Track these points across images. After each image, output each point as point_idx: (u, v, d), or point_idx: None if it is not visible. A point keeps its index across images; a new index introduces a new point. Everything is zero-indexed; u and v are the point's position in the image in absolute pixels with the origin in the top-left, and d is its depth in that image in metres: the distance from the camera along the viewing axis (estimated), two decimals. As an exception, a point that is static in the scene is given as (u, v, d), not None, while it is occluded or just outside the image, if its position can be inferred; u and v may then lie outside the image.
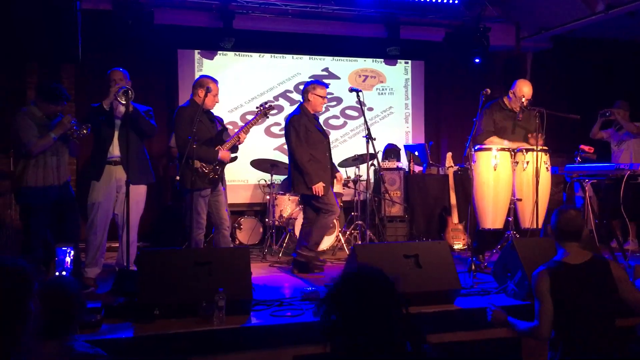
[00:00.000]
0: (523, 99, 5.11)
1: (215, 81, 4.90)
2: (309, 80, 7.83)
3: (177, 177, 4.59)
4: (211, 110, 4.94)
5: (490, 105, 5.27)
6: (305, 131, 5.04)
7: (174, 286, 3.43)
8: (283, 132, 7.73)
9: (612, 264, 2.95)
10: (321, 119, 7.80)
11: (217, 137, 4.90)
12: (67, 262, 3.75)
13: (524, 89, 5.19)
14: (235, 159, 5.05)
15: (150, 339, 3.17)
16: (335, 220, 6.15)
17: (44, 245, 4.27)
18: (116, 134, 4.66)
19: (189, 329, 3.23)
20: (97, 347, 2.23)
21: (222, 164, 4.88)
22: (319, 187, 4.94)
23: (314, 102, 5.11)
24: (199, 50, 7.54)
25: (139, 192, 4.69)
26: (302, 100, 5.19)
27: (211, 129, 4.88)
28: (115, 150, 4.65)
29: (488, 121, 5.18)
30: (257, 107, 5.31)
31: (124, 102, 4.40)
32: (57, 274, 3.71)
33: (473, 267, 4.52)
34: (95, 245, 4.57)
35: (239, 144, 5.00)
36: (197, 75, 7.41)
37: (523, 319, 3.67)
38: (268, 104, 5.35)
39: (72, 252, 3.78)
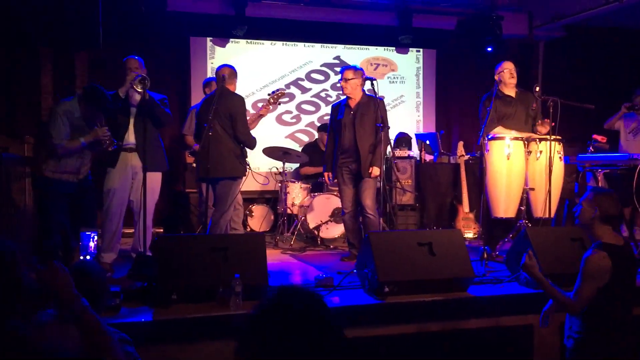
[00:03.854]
0: (506, 72, 5.21)
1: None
2: (320, 68, 7.89)
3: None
4: None
5: (486, 96, 5.28)
6: None
7: (191, 271, 3.48)
8: (293, 121, 7.84)
9: None
10: (329, 107, 7.84)
11: None
12: (91, 246, 3.80)
13: (507, 64, 5.28)
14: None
15: (168, 323, 3.23)
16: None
17: (61, 231, 4.32)
18: (132, 121, 4.70)
19: (207, 313, 3.29)
20: (117, 329, 2.28)
21: None
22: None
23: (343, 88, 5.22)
24: (211, 38, 7.55)
25: (154, 179, 4.73)
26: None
27: None
28: (130, 137, 4.69)
29: (492, 110, 5.20)
30: (268, 95, 5.36)
31: (140, 90, 4.43)
32: (81, 258, 3.76)
33: (485, 255, 4.54)
34: (111, 231, 4.62)
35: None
36: (209, 63, 7.48)
37: (535, 308, 3.73)
38: (279, 91, 5.40)
39: (96, 237, 3.83)
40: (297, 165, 7.24)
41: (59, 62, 6.64)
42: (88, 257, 3.77)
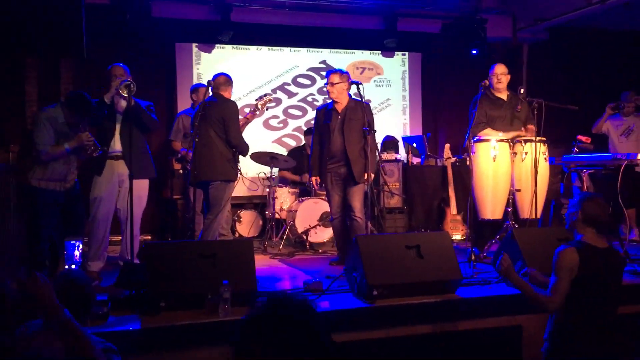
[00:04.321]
0: (493, 77, 5.25)
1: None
2: (306, 72, 7.90)
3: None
4: None
5: (476, 99, 5.31)
6: None
7: (179, 278, 3.46)
8: (280, 126, 7.84)
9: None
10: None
11: None
12: (76, 255, 3.78)
13: (497, 69, 5.30)
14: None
15: (157, 331, 3.21)
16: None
17: (49, 240, 4.29)
18: (117, 128, 4.67)
19: (195, 320, 3.27)
20: (105, 338, 2.26)
21: None
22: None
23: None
24: (197, 44, 7.54)
25: (141, 187, 4.70)
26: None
27: None
28: (117, 144, 4.66)
29: (479, 113, 5.22)
30: (256, 100, 5.38)
31: (125, 95, 4.41)
32: (66, 267, 3.73)
33: (473, 257, 4.57)
34: (98, 239, 4.59)
35: None
36: (195, 69, 7.47)
37: (523, 309, 3.75)
38: (266, 96, 5.42)
39: (81, 246, 3.81)
40: (278, 169, 7.25)
41: (44, 70, 6.60)
42: (73, 267, 3.75)
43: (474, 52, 7.74)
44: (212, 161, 4.81)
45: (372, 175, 5.00)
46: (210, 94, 4.95)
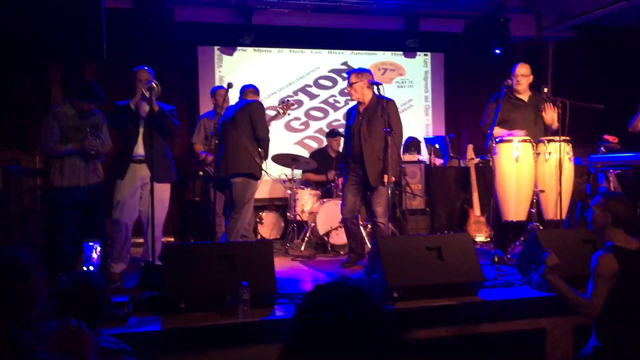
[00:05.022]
0: (514, 78, 5.17)
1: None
2: (328, 74, 7.89)
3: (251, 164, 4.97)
4: None
5: (494, 98, 5.24)
6: None
7: (199, 280, 3.48)
8: (302, 127, 7.84)
9: None
10: (340, 112, 7.85)
11: None
12: (94, 257, 3.82)
13: (518, 70, 5.22)
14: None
15: (176, 332, 3.22)
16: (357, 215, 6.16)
17: (72, 241, 4.35)
18: (141, 132, 4.72)
19: (215, 322, 3.28)
20: (125, 339, 2.27)
21: None
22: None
23: None
24: (218, 47, 7.59)
25: (162, 190, 4.73)
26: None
27: None
28: (139, 149, 4.70)
29: (491, 109, 5.15)
30: (278, 105, 5.46)
31: (148, 97, 4.47)
32: (84, 269, 3.78)
33: (496, 259, 4.50)
34: (121, 241, 4.64)
35: None
36: (217, 72, 7.52)
37: (548, 312, 3.69)
38: (288, 101, 5.47)
39: (99, 248, 3.85)
40: (301, 171, 7.25)
41: (69, 74, 6.70)
42: (91, 268, 3.78)
43: (498, 51, 7.65)
44: (236, 155, 4.92)
45: (393, 178, 4.91)
46: (228, 97, 5.01)
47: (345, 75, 7.37)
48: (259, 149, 5.02)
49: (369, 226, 6.41)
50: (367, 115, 5.00)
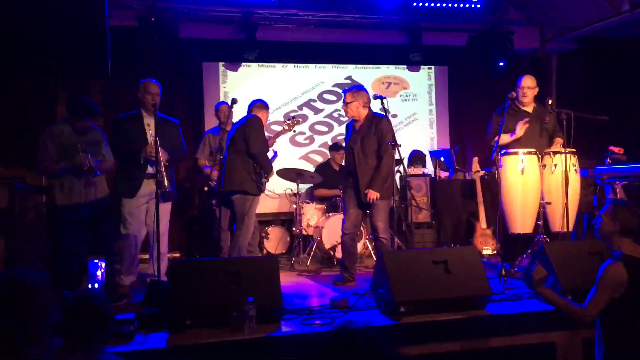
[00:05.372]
0: (519, 90, 5.17)
1: (268, 107, 5.42)
2: (332, 88, 7.92)
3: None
4: None
5: (498, 111, 5.24)
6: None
7: (204, 296, 3.47)
8: (307, 142, 7.86)
9: None
10: (343, 126, 7.84)
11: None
12: (99, 275, 3.81)
13: (523, 82, 5.21)
14: (268, 179, 5.38)
15: (182, 349, 3.20)
16: (362, 228, 6.16)
17: (76, 258, 4.35)
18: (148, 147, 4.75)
19: (221, 338, 3.26)
20: (131, 357, 2.26)
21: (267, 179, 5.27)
22: None
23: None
24: (223, 63, 7.63)
25: (164, 209, 4.75)
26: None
27: (268, 147, 5.31)
28: (148, 164, 4.73)
29: (495, 121, 5.14)
30: (285, 121, 5.52)
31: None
32: (89, 286, 3.77)
33: (503, 272, 4.47)
34: (130, 255, 4.68)
35: None
36: (222, 87, 7.56)
37: (557, 325, 3.65)
38: (294, 117, 5.51)
39: (104, 265, 3.85)
40: (311, 185, 7.24)
41: (74, 92, 6.74)
42: (96, 286, 3.78)
43: (501, 64, 7.67)
44: (230, 172, 4.93)
45: (373, 193, 4.84)
46: (232, 113, 5.04)
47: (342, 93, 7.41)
48: (254, 165, 5.00)
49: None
50: (362, 133, 4.99)
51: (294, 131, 5.79)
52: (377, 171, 4.87)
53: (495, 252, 6.30)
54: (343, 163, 6.22)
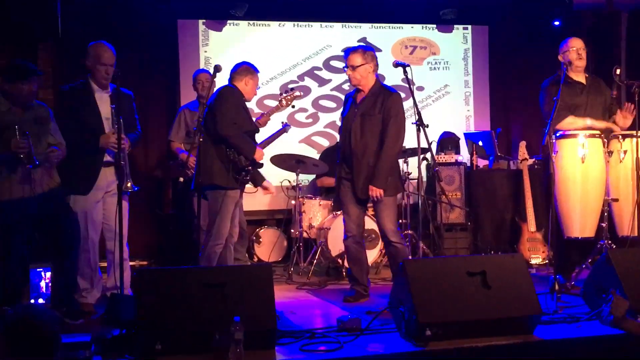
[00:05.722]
0: (573, 51, 5.15)
1: (257, 71, 5.29)
2: (342, 54, 7.88)
3: (180, 179, 4.73)
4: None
5: (550, 82, 5.22)
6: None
7: (179, 314, 3.47)
8: (309, 121, 7.85)
9: None
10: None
11: (252, 136, 5.20)
12: (42, 286, 3.81)
13: (573, 42, 5.20)
14: (261, 165, 5.31)
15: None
16: (378, 231, 6.14)
17: (21, 264, 4.36)
18: (105, 130, 4.75)
19: (199, 367, 3.28)
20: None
21: (254, 165, 5.15)
22: None
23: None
24: (204, 20, 7.62)
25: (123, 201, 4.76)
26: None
27: (252, 123, 5.24)
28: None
29: (558, 101, 5.09)
30: (280, 95, 5.46)
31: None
32: (31, 301, 3.78)
33: (557, 286, 4.47)
34: (89, 264, 4.69)
35: None
36: (202, 52, 7.55)
37: (624, 354, 3.64)
38: (293, 89, 5.47)
39: (49, 275, 3.85)
40: (314, 176, 7.24)
41: (20, 57, 6.73)
42: (41, 300, 3.79)
43: (557, 23, 7.64)
44: (202, 160, 4.85)
45: (378, 191, 4.83)
46: (215, 84, 4.97)
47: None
48: (227, 150, 4.94)
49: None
50: (364, 108, 4.96)
51: (293, 107, 5.74)
52: (379, 160, 4.83)
53: (547, 261, 6.31)
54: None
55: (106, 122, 4.75)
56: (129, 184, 4.61)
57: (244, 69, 5.17)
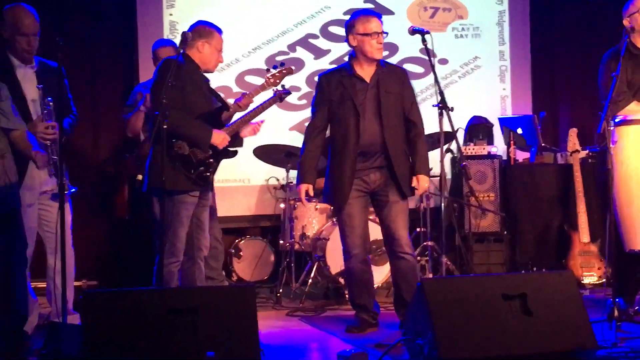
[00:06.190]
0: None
1: (220, 31, 5.08)
2: (343, 17, 7.89)
3: (139, 176, 4.68)
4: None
5: (611, 54, 5.21)
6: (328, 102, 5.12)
7: (136, 348, 3.47)
8: (302, 103, 7.84)
9: None
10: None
11: (213, 117, 5.02)
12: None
13: (637, 3, 5.21)
14: (235, 154, 5.16)
15: None
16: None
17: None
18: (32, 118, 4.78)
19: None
20: None
21: (219, 155, 4.97)
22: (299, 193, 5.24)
23: (360, 47, 5.08)
24: (169, -24, 7.62)
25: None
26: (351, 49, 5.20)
27: (210, 102, 5.05)
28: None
29: (618, 78, 5.09)
30: (267, 72, 5.39)
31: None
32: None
33: (616, 312, 4.48)
34: (20, 285, 4.66)
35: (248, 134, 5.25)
36: (166, 15, 7.53)
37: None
38: (283, 65, 5.41)
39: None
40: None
41: None
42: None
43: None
44: (150, 158, 4.84)
45: (427, 182, 4.97)
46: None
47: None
48: (174, 142, 4.74)
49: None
50: (382, 85, 5.04)
51: (283, 87, 5.71)
52: (422, 145, 5.00)
53: (604, 280, 6.31)
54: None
55: (32, 106, 4.76)
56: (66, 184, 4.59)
57: (196, 31, 5.01)
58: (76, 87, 5.54)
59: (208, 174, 4.92)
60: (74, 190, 4.74)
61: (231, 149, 5.06)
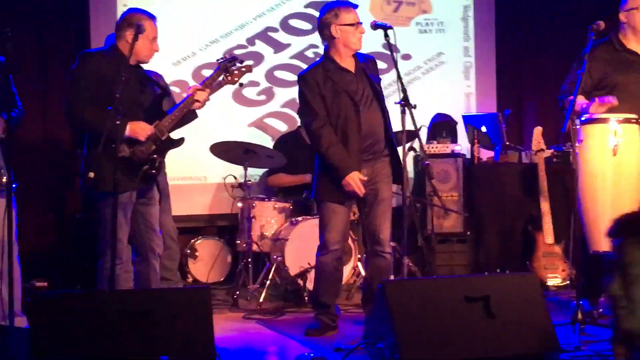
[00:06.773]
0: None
1: (152, 17, 4.94)
2: (305, 11, 7.88)
3: (91, 174, 4.65)
4: (142, 65, 4.98)
5: (594, 49, 5.24)
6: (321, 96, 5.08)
7: (87, 352, 3.45)
8: (261, 98, 7.82)
9: None
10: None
11: (151, 107, 4.94)
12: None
13: None
14: (180, 142, 5.05)
15: None
16: (350, 243, 6.16)
17: None
18: None
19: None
20: None
21: (162, 148, 4.91)
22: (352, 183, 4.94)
23: (343, 39, 5.09)
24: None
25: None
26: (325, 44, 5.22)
27: (138, 92, 4.92)
28: None
29: (584, 74, 5.13)
30: (218, 60, 5.30)
31: None
32: None
33: (580, 315, 4.52)
34: None
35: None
36: (120, 9, 7.46)
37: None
38: (241, 61, 5.35)
39: None
40: (267, 170, 7.23)
41: None
42: None
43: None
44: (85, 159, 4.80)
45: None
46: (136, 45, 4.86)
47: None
48: (113, 146, 4.58)
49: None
50: (368, 73, 5.14)
51: (241, 85, 5.63)
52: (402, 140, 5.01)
53: (568, 282, 6.39)
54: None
55: None
56: (3, 179, 4.56)
57: (125, 20, 4.94)
58: (25, 82, 5.49)
59: (154, 171, 4.88)
60: (14, 186, 4.69)
61: (176, 138, 4.99)
